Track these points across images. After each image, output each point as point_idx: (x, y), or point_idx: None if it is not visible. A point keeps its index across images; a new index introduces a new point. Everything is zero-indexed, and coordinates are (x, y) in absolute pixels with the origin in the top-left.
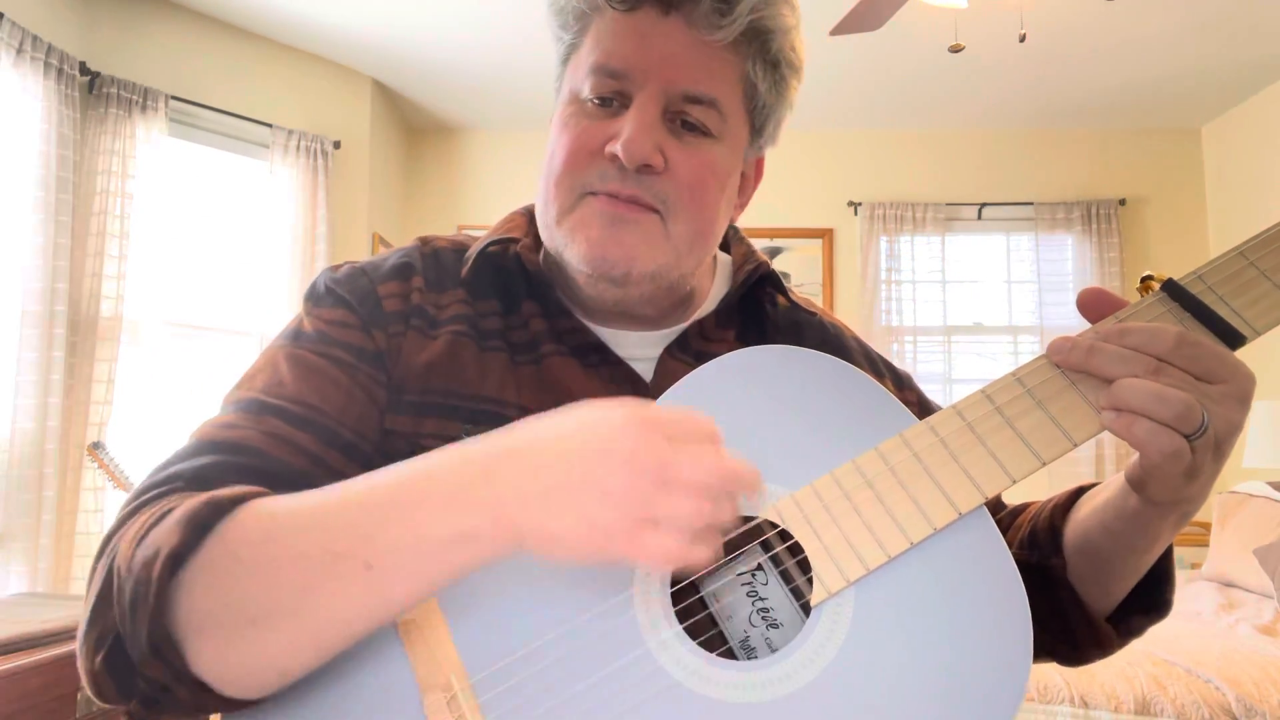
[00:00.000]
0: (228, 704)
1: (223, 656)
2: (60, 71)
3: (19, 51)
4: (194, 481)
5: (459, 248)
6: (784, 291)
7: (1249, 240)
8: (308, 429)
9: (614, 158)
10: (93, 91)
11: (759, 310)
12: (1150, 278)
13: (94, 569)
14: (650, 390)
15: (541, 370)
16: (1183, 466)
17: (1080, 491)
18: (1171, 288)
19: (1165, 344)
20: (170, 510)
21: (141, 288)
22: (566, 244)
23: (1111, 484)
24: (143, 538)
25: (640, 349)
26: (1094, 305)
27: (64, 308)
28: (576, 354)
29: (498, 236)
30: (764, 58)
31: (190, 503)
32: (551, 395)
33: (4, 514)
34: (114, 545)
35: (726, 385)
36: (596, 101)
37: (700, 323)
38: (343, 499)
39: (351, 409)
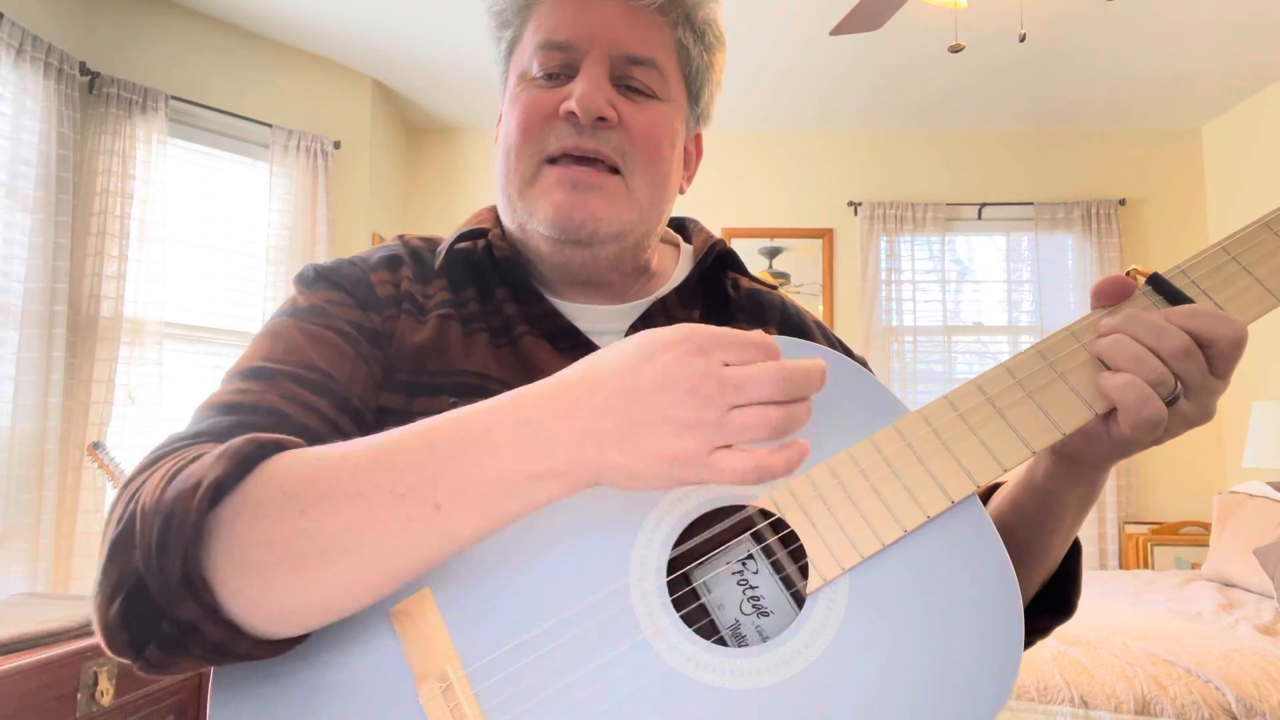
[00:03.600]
0: (254, 645)
1: (266, 593)
2: (60, 71)
3: (19, 51)
4: (222, 438)
5: (433, 243)
6: (743, 271)
7: (1231, 235)
8: (322, 394)
9: (569, 115)
10: (93, 91)
11: (722, 291)
12: (1135, 271)
13: (111, 517)
14: None
15: (518, 350)
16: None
17: (996, 488)
18: (1157, 281)
19: (1230, 332)
20: (204, 453)
21: (141, 288)
22: (531, 212)
23: (1019, 470)
24: (174, 475)
25: (606, 323)
26: (1110, 293)
27: (64, 308)
28: (548, 337)
29: (468, 229)
30: (690, 25)
31: (233, 441)
32: (527, 374)
33: (4, 514)
34: (137, 489)
35: None
36: (544, 77)
37: (663, 300)
38: (399, 440)
39: (357, 379)
